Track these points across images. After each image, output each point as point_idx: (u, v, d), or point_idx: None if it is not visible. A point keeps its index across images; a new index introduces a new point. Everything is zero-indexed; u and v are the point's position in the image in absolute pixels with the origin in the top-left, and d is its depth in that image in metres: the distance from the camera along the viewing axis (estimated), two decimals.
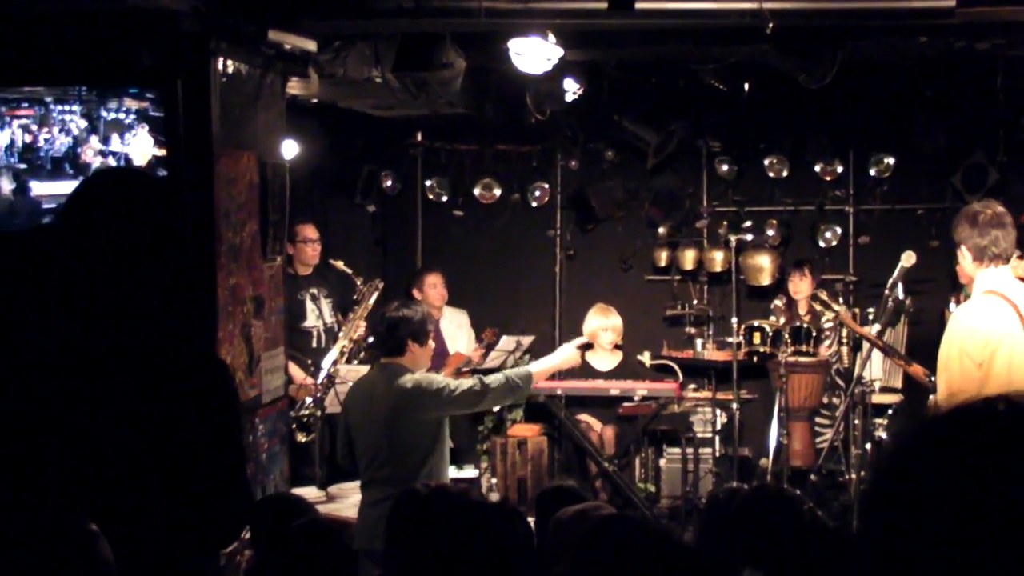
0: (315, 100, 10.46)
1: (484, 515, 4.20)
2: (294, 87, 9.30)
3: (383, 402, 7.86)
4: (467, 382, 8.10)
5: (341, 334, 10.82)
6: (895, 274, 9.92)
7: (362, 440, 7.98)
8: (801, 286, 12.77)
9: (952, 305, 10.66)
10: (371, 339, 10.49)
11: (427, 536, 4.12)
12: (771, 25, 8.02)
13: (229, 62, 7.83)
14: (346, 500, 8.95)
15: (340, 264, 11.28)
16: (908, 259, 9.96)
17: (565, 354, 8.56)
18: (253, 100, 8.18)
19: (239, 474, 3.76)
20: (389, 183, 14.03)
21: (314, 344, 11.14)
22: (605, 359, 12.80)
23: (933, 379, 7.76)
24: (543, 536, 5.82)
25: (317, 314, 11.28)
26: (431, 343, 8.20)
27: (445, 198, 14.20)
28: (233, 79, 7.89)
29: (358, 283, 11.08)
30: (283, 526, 5.35)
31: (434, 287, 12.48)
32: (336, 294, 11.49)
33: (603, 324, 12.83)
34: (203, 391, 3.63)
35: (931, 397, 8.51)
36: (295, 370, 10.52)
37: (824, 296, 11.55)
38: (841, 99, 12.39)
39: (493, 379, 8.14)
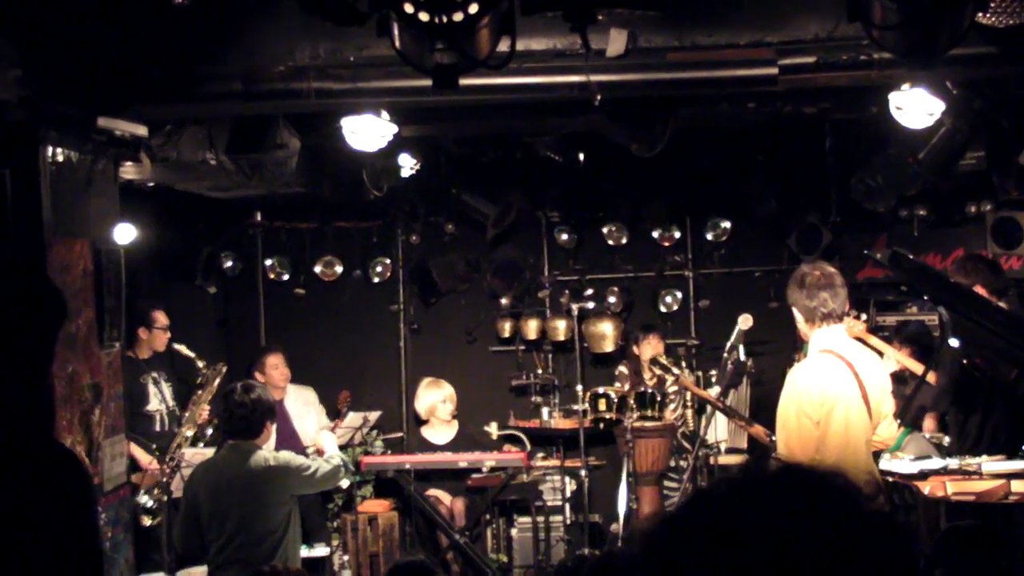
0: (151, 184, 10.38)
1: None
2: (128, 171, 9.22)
3: (241, 481, 7.90)
4: (324, 462, 8.28)
5: (186, 418, 10.72)
6: (732, 337, 10.06)
7: (215, 522, 7.96)
8: (649, 350, 12.83)
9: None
10: (216, 421, 10.45)
11: None
12: (599, 97, 8.12)
13: (59, 149, 7.74)
14: None
15: (183, 348, 11.19)
16: (745, 322, 10.11)
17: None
18: (85, 187, 8.09)
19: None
20: (229, 264, 13.96)
21: (157, 428, 11.02)
22: (442, 432, 12.79)
23: (773, 438, 7.87)
24: None
25: (160, 398, 11.14)
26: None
27: (286, 277, 14.15)
28: (63, 166, 7.80)
29: (200, 366, 11.00)
30: None
31: (276, 368, 12.37)
32: (175, 377, 11.38)
33: (440, 396, 12.83)
34: (56, 487, 3.46)
35: (772, 456, 8.64)
36: (140, 453, 10.40)
37: (664, 360, 11.69)
38: (676, 166, 12.56)
39: (338, 455, 8.43)
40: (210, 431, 10.79)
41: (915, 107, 9.10)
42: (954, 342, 8.25)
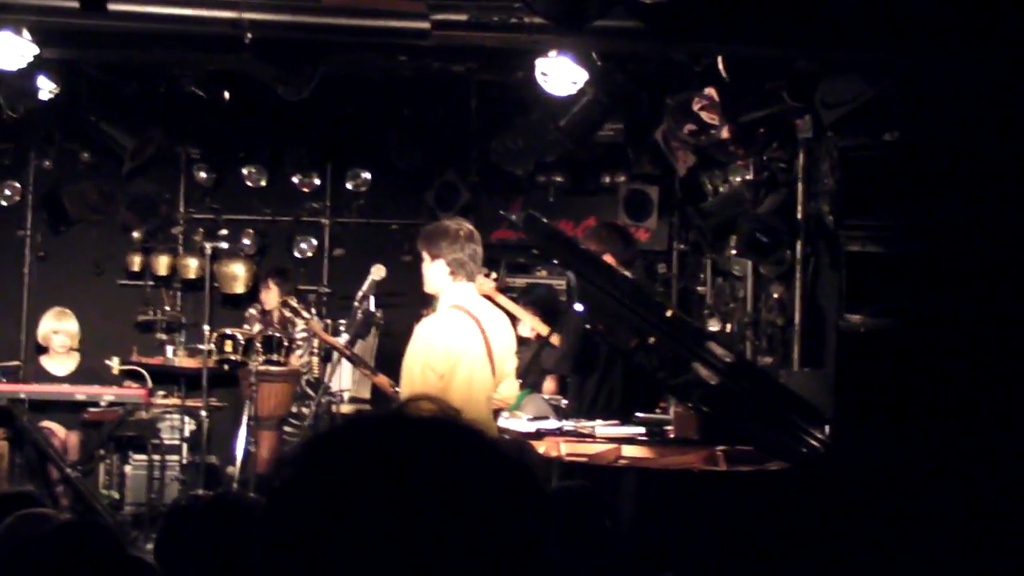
0: None
1: None
2: None
3: None
4: None
5: None
6: (364, 286, 10.12)
7: None
8: (272, 296, 12.82)
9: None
10: None
11: None
12: (249, 35, 8.04)
13: None
14: None
15: None
16: (378, 272, 10.18)
17: None
18: None
19: None
20: None
21: None
22: (61, 363, 12.45)
23: (397, 389, 7.96)
24: None
25: None
26: None
27: None
28: None
29: None
30: None
31: None
32: None
33: (54, 327, 12.48)
34: None
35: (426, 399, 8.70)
36: None
37: (294, 303, 11.69)
38: (321, 112, 12.56)
39: None
40: None
41: (560, 75, 9.30)
42: (579, 307, 8.47)
